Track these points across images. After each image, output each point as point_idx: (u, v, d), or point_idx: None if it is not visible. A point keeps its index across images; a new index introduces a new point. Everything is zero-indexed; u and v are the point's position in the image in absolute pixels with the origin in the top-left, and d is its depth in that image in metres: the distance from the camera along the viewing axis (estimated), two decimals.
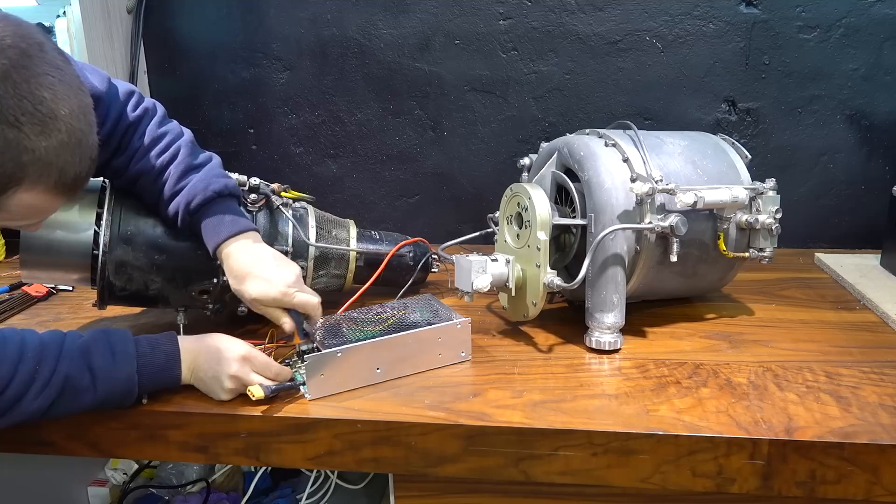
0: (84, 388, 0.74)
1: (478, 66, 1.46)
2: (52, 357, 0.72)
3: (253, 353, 0.82)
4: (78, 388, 0.73)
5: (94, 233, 0.93)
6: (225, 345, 0.82)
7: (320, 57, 1.50)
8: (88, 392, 0.74)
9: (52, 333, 0.76)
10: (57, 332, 0.76)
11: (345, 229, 1.11)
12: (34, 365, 0.71)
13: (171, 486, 1.32)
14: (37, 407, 0.71)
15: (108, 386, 0.75)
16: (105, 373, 0.75)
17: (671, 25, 1.38)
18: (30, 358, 0.71)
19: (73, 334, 0.77)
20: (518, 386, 0.86)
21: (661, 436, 0.74)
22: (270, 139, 1.56)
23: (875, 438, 0.72)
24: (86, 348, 0.75)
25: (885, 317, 1.04)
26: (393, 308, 0.97)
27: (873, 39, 1.34)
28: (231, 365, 0.80)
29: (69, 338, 0.76)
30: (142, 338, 0.80)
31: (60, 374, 0.72)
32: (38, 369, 0.71)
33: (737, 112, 1.41)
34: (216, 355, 0.81)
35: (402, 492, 0.86)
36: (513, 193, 1.01)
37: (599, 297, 0.94)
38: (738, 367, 0.89)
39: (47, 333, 0.76)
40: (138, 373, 0.77)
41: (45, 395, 0.71)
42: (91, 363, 0.74)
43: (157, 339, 0.81)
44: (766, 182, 1.01)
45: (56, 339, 0.75)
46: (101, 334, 0.78)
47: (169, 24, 1.53)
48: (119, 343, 0.77)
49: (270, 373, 0.82)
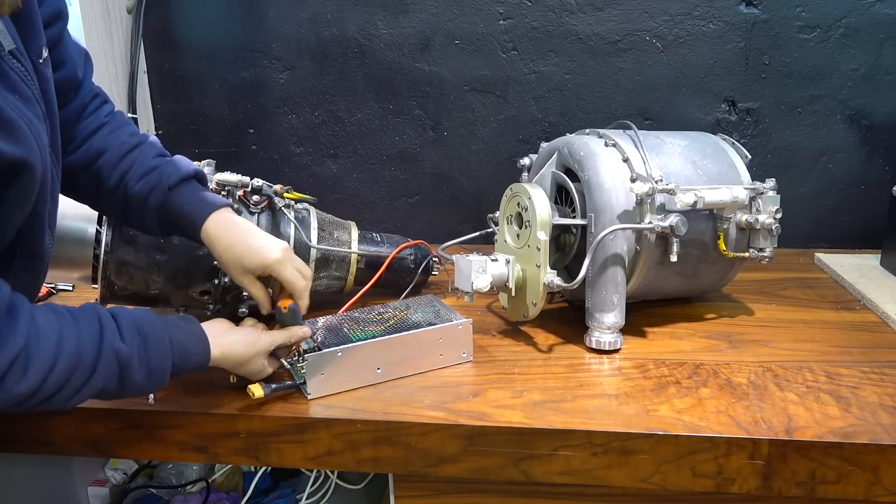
0: (112, 396, 0.71)
1: (478, 66, 1.46)
2: (88, 367, 0.67)
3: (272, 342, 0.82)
4: (105, 396, 0.71)
5: (95, 231, 0.94)
6: (248, 345, 0.80)
7: (320, 57, 1.50)
8: (115, 396, 0.72)
9: (89, 328, 0.68)
10: (94, 328, 0.68)
11: (346, 231, 1.11)
12: (66, 376, 0.66)
13: (171, 486, 1.32)
14: (57, 406, 0.68)
15: (134, 393, 0.73)
16: (136, 389, 0.72)
17: (671, 25, 1.38)
18: (63, 368, 0.65)
19: (111, 332, 0.69)
20: (518, 386, 0.86)
21: (661, 436, 0.74)
22: (270, 139, 1.56)
23: (875, 438, 0.72)
24: (125, 364, 0.69)
25: (885, 317, 1.04)
26: (394, 308, 0.97)
27: (873, 39, 1.34)
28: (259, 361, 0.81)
29: (107, 341, 0.68)
30: (176, 343, 0.74)
31: (94, 388, 0.68)
32: (71, 379, 0.66)
33: (737, 112, 1.41)
34: (245, 360, 0.80)
35: (402, 492, 0.86)
36: (513, 193, 1.01)
37: (599, 297, 0.94)
38: (738, 367, 0.89)
39: (84, 325, 0.68)
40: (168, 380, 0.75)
41: (71, 402, 0.68)
42: (125, 380, 0.70)
43: (190, 345, 0.76)
44: (766, 182, 1.01)
45: (94, 342, 0.68)
46: (139, 343, 0.71)
47: (169, 24, 1.53)
48: (156, 360, 0.72)
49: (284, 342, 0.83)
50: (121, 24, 1.45)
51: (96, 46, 1.36)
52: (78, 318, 0.68)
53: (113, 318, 0.70)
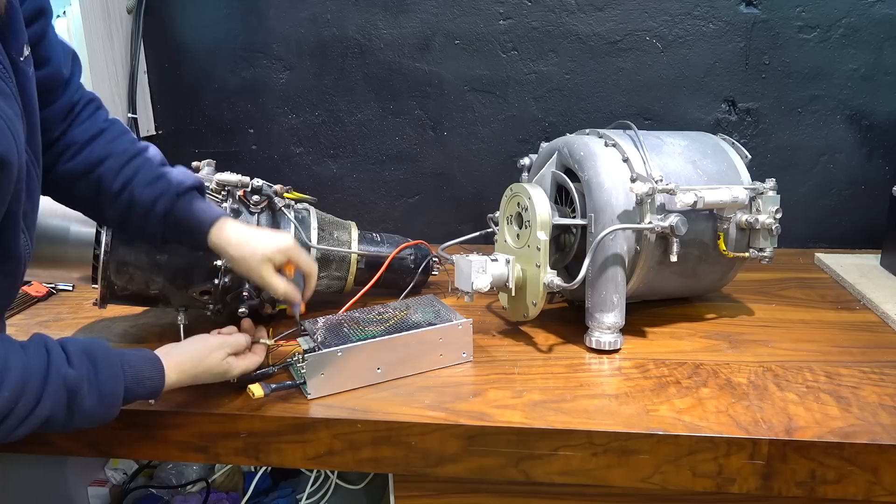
0: (60, 425, 0.69)
1: (478, 66, 1.46)
2: (34, 395, 0.65)
3: (225, 341, 0.82)
4: (53, 426, 0.68)
5: (95, 231, 0.94)
6: (201, 354, 0.80)
7: (320, 57, 1.50)
8: (64, 427, 0.70)
9: (37, 355, 0.67)
10: (41, 355, 0.67)
11: (346, 231, 1.11)
12: (11, 405, 0.64)
13: (171, 486, 1.32)
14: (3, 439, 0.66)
15: (84, 423, 0.71)
16: (87, 416, 0.70)
17: (671, 25, 1.38)
18: (7, 398, 0.63)
19: (59, 360, 0.68)
20: (518, 386, 0.86)
21: (661, 436, 0.74)
22: (270, 139, 1.56)
23: (875, 438, 0.72)
24: (74, 389, 0.67)
25: (885, 317, 1.04)
26: (395, 308, 0.97)
27: (873, 39, 1.34)
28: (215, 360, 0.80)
29: (54, 367, 0.67)
30: (127, 368, 0.73)
31: (40, 417, 0.66)
32: (15, 409, 0.64)
33: (737, 112, 1.41)
34: (198, 362, 0.79)
35: (402, 492, 0.86)
36: (513, 193, 1.01)
37: (599, 297, 0.94)
38: (738, 367, 0.90)
39: (32, 353, 0.67)
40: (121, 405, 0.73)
41: (16, 433, 0.66)
42: (74, 407, 0.68)
43: (143, 370, 0.74)
44: (766, 182, 1.01)
45: (40, 368, 0.66)
46: (89, 368, 0.69)
47: (169, 24, 1.53)
48: (107, 383, 0.70)
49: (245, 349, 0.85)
50: (121, 24, 1.45)
51: (96, 46, 1.36)
52: (26, 347, 0.67)
53: (62, 346, 0.69)
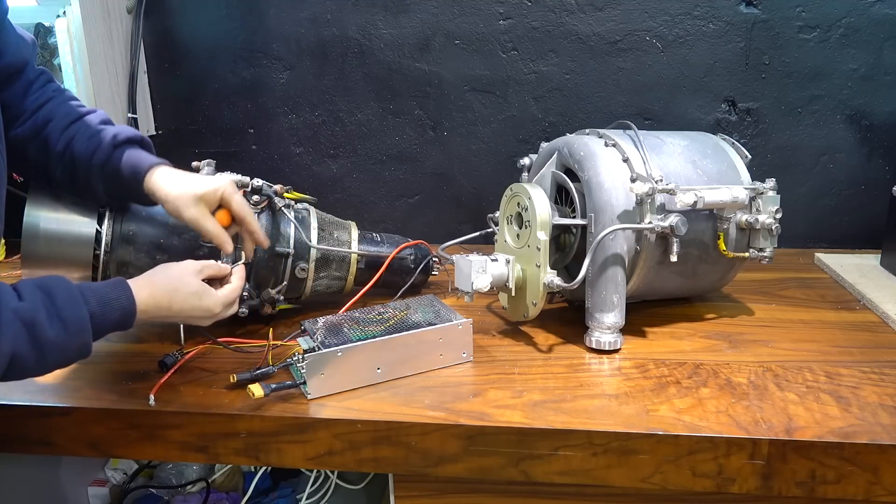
0: (33, 363, 0.67)
1: (478, 66, 1.46)
2: None
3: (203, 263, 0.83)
4: (27, 365, 0.67)
5: (95, 231, 0.94)
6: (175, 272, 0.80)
7: (320, 57, 1.50)
8: (39, 366, 0.68)
9: None
10: None
11: (346, 231, 1.11)
12: None
13: (171, 486, 1.32)
14: None
15: (59, 357, 0.70)
16: (56, 346, 0.68)
17: (671, 25, 1.38)
18: None
19: (7, 296, 0.66)
20: (518, 386, 0.86)
21: (661, 436, 0.74)
22: (270, 139, 1.56)
23: (875, 438, 0.72)
24: (30, 320, 0.66)
25: (885, 317, 1.04)
26: (395, 308, 0.97)
27: (873, 39, 1.34)
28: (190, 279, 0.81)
29: (3, 303, 0.65)
30: (88, 293, 0.71)
31: (5, 354, 0.64)
32: None
33: (737, 112, 1.41)
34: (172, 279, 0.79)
35: (402, 492, 0.86)
36: (513, 193, 1.01)
37: (599, 296, 0.94)
38: (738, 367, 0.90)
39: None
40: (93, 335, 0.72)
41: None
42: (38, 339, 0.66)
43: (107, 292, 0.73)
44: (766, 182, 1.01)
45: None
46: (43, 297, 0.68)
47: (169, 24, 1.53)
48: (66, 309, 0.69)
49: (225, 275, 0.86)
50: (121, 24, 1.45)
51: (96, 46, 1.36)
52: None
53: (13, 287, 0.68)
